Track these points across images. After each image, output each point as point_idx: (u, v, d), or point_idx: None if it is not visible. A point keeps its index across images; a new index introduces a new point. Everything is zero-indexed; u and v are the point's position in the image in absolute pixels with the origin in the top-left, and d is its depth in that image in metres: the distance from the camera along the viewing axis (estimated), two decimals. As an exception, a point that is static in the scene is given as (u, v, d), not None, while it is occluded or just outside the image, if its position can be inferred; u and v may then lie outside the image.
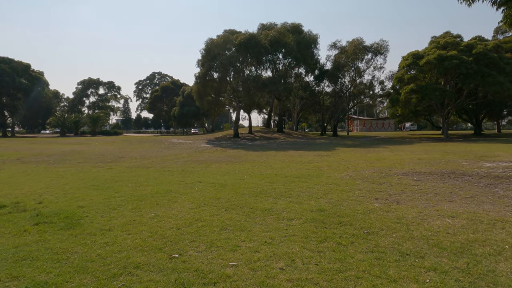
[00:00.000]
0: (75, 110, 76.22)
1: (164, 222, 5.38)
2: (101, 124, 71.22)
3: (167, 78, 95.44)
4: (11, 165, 14.14)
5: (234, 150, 21.72)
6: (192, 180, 9.59)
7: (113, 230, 5.00)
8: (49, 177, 10.49)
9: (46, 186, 8.79)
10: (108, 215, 5.85)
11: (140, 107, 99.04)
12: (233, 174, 10.69)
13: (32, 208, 6.38)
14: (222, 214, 5.80)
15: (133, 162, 14.77)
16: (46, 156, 18.27)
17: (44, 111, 64.36)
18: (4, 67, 57.16)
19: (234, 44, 35.82)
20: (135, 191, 7.99)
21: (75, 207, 6.42)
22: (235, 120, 43.47)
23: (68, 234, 4.83)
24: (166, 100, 77.89)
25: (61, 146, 26.62)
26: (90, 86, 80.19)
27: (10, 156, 18.16)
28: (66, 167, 13.41)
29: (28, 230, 5.00)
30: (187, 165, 13.37)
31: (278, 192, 7.61)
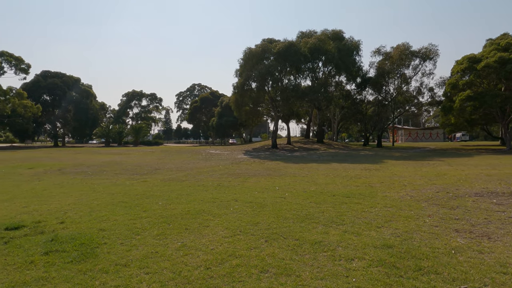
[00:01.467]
0: (119, 121, 79.48)
1: (191, 256, 4.40)
2: (143, 134, 73.51)
3: (206, 89, 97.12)
4: (51, 176, 14.12)
5: (273, 162, 20.65)
6: (228, 197, 8.62)
7: (130, 266, 4.09)
8: (81, 191, 10.05)
9: (74, 202, 8.25)
10: (129, 242, 4.99)
11: (180, 118, 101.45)
12: (273, 191, 9.59)
13: (51, 229, 5.72)
14: (262, 247, 4.72)
15: (168, 175, 14.19)
16: (86, 167, 18.35)
17: (91, 122, 67.65)
18: (57, 82, 61.02)
19: (273, 53, 35.08)
20: (164, 210, 7.15)
21: (96, 229, 5.66)
22: (273, 130, 42.49)
23: (76, 269, 3.99)
24: (205, 111, 78.96)
25: (102, 157, 27.12)
26: (133, 98, 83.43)
27: (53, 167, 18.45)
28: (101, 179, 13.08)
29: (34, 262, 4.24)
30: (223, 179, 12.49)
31: (327, 217, 6.39)
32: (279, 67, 34.87)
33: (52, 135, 69.07)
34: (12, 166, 18.88)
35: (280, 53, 33.99)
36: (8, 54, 48.64)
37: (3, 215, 6.85)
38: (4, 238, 5.22)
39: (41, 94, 60.69)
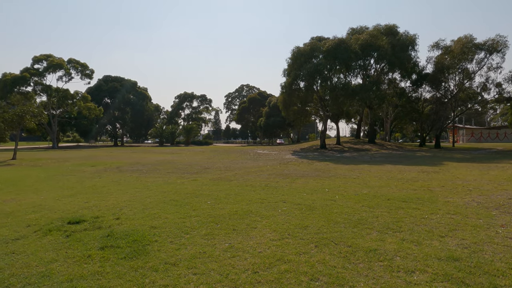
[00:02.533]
0: (172, 122, 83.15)
1: (239, 258, 4.31)
2: (194, 134, 76.20)
3: (255, 90, 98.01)
4: (109, 174, 15.05)
5: (322, 163, 20.12)
6: (276, 198, 8.47)
7: (178, 265, 4.11)
8: (136, 188, 10.53)
9: (129, 199, 8.65)
10: (179, 241, 5.05)
11: (229, 118, 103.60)
12: (322, 193, 9.26)
13: (108, 225, 6.00)
14: (312, 252, 4.49)
15: (217, 174, 14.41)
16: (141, 165, 19.33)
17: (146, 123, 71.65)
18: (116, 85, 65.46)
19: (322, 51, 34.33)
20: (213, 209, 7.19)
21: (148, 227, 5.83)
22: (322, 130, 41.59)
23: (129, 266, 4.09)
24: (253, 111, 79.72)
25: (156, 156, 28.46)
26: (185, 100, 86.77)
27: (112, 165, 19.69)
28: (155, 177, 13.65)
29: (92, 256, 4.44)
30: (271, 179, 12.37)
31: (382, 222, 5.97)
32: (328, 66, 34.02)
33: (112, 135, 74.28)
34: (77, 164, 20.49)
35: (329, 51, 33.15)
36: (75, 61, 53.15)
37: (67, 210, 7.37)
38: (66, 232, 5.57)
39: (103, 97, 65.56)
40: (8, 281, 3.71)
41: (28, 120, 25.62)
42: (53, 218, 6.57)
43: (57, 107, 53.14)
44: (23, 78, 47.77)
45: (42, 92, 50.70)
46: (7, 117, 25.48)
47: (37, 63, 50.21)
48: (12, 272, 3.93)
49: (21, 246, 4.91)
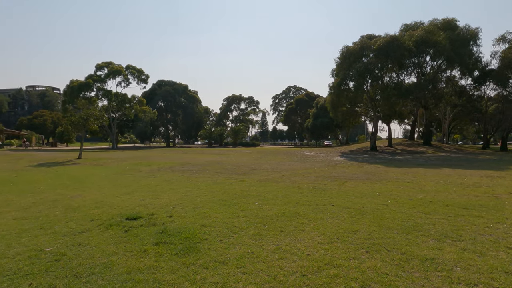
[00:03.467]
0: (220, 123, 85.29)
1: (287, 260, 4.30)
2: (241, 136, 77.50)
3: (302, 91, 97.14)
4: (163, 173, 15.84)
5: (372, 166, 19.36)
6: (324, 201, 8.32)
7: (228, 263, 4.21)
8: (187, 188, 10.97)
9: (181, 197, 9.03)
10: (227, 240, 5.17)
11: (276, 119, 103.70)
12: (373, 197, 8.91)
13: (162, 222, 6.32)
14: (362, 258, 4.35)
15: (264, 175, 14.51)
16: (191, 165, 20.09)
17: (196, 125, 74.29)
18: (169, 89, 68.74)
19: (372, 50, 33.08)
20: (260, 210, 7.26)
21: (198, 225, 6.04)
22: (372, 132, 40.02)
23: (181, 262, 4.27)
24: (300, 113, 79.07)
25: (206, 156, 29.38)
26: (233, 102, 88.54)
27: (165, 165, 20.70)
28: (204, 177, 14.10)
29: (147, 251, 4.70)
30: (319, 182, 12.17)
31: (440, 230, 5.60)
32: (380, 64, 32.68)
33: (165, 136, 78.08)
34: (133, 164, 21.85)
35: (380, 49, 31.84)
36: (132, 67, 56.77)
37: (125, 206, 7.89)
38: (125, 227, 5.96)
39: (157, 100, 69.17)
40: (76, 270, 4.06)
41: (91, 122, 27.88)
42: (113, 214, 7.08)
43: (116, 110, 57.12)
44: (87, 84, 52.08)
45: (104, 97, 54.84)
46: (74, 120, 27.96)
47: (100, 70, 54.46)
48: (79, 262, 4.31)
49: (86, 238, 5.35)
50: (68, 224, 6.25)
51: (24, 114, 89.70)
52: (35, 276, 3.88)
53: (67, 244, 5.04)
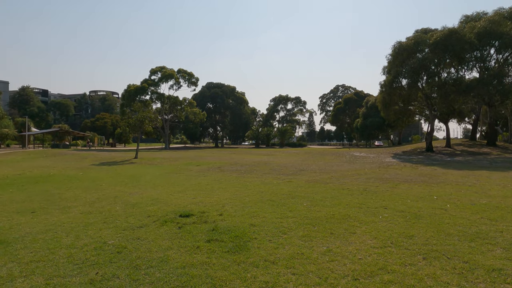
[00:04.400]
0: (267, 124, 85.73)
1: (338, 263, 4.22)
2: (288, 136, 77.19)
3: (350, 90, 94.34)
4: (212, 173, 16.32)
5: (428, 168, 18.23)
6: (375, 204, 8.01)
7: (277, 263, 4.23)
8: (235, 187, 11.19)
9: (230, 197, 9.24)
10: (277, 240, 5.19)
11: (324, 119, 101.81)
12: (430, 201, 8.39)
13: (212, 220, 6.52)
14: (419, 265, 4.12)
15: (312, 176, 14.33)
16: (239, 165, 20.45)
17: (244, 125, 75.48)
18: (218, 91, 70.63)
19: (428, 44, 31.13)
20: (309, 212, 7.19)
21: (248, 224, 6.14)
22: (428, 131, 37.69)
23: (232, 260, 4.38)
24: (348, 112, 76.86)
25: (253, 157, 29.72)
26: (280, 102, 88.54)
27: (214, 165, 21.29)
28: (252, 177, 14.28)
29: (200, 247, 4.88)
30: (370, 184, 11.74)
31: (508, 238, 5.12)
32: (436, 59, 30.66)
33: (213, 137, 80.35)
34: (185, 163, 22.77)
35: (437, 43, 29.85)
36: (183, 71, 59.21)
37: (178, 204, 8.26)
38: (178, 224, 6.25)
39: (206, 102, 71.43)
40: (135, 262, 4.34)
41: (147, 124, 29.57)
42: (168, 210, 7.44)
43: (169, 112, 59.95)
44: (142, 88, 55.34)
45: (157, 100, 57.85)
46: (131, 122, 29.87)
47: (153, 74, 57.56)
48: (138, 255, 4.60)
49: (144, 233, 5.69)
50: (127, 219, 6.69)
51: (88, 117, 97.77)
52: (101, 266, 4.21)
53: (127, 238, 5.40)
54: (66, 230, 5.96)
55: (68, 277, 3.90)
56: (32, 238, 5.47)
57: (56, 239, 5.40)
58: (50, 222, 6.60)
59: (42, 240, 5.33)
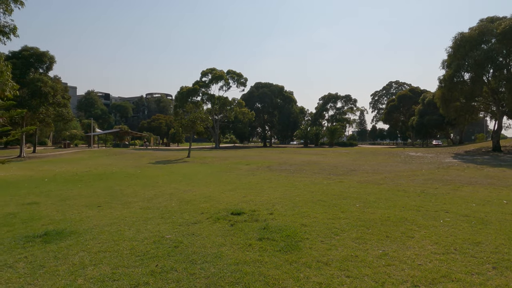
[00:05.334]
0: (316, 123, 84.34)
1: (395, 267, 4.03)
2: (338, 135, 75.23)
3: (405, 86, 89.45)
4: (261, 172, 16.46)
5: (496, 169, 16.68)
6: (435, 207, 7.52)
7: (330, 265, 4.15)
8: (285, 187, 11.17)
9: (280, 196, 9.25)
10: (329, 241, 5.09)
11: (376, 118, 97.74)
12: (499, 205, 7.67)
13: (263, 219, 6.58)
14: (489, 274, 3.79)
15: (364, 177, 13.84)
16: (288, 165, 20.38)
17: (292, 124, 75.01)
18: (266, 91, 71.03)
19: (495, 34, 28.48)
20: (362, 213, 6.95)
21: (299, 224, 6.10)
22: (494, 130, 34.44)
23: (284, 259, 4.38)
24: (403, 110, 72.91)
25: (302, 156, 29.44)
26: (329, 101, 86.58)
27: (263, 164, 21.45)
28: (302, 177, 14.16)
29: (252, 245, 4.96)
30: (428, 185, 11.04)
31: None
32: (505, 50, 27.93)
33: (262, 136, 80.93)
34: (234, 162, 23.24)
35: (506, 33, 27.18)
36: (232, 72, 60.48)
37: (229, 202, 8.45)
38: (230, 221, 6.40)
39: (254, 102, 72.16)
40: (191, 256, 4.53)
41: (198, 124, 30.69)
42: (220, 208, 7.65)
43: (219, 112, 61.58)
44: (194, 89, 57.50)
45: (208, 101, 59.73)
46: (184, 123, 31.18)
47: (204, 76, 59.52)
48: (193, 250, 4.79)
49: (198, 229, 5.91)
50: (182, 215, 7.00)
51: (144, 118, 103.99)
52: (159, 259, 4.45)
53: (183, 233, 5.65)
54: (128, 223, 6.40)
55: (131, 267, 4.18)
56: (99, 230, 5.95)
57: (119, 231, 5.82)
58: (114, 216, 7.12)
59: (107, 232, 5.77)
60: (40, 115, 34.05)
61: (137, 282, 3.75)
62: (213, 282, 3.73)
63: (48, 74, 35.91)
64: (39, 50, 34.63)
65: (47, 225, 6.35)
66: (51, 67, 35.75)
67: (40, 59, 34.45)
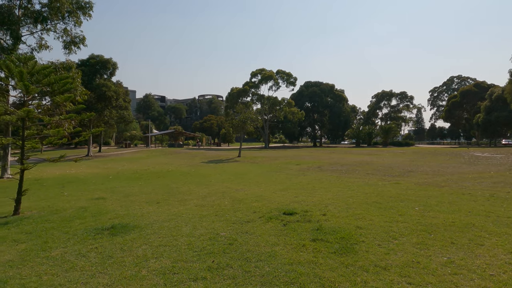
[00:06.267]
0: (369, 122, 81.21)
1: (463, 277, 3.73)
2: (392, 135, 71.69)
3: (469, 81, 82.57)
4: (312, 172, 16.23)
5: None
6: (507, 213, 6.83)
7: (390, 270, 3.96)
8: (337, 187, 10.90)
9: (332, 197, 9.04)
10: (387, 245, 4.87)
11: (435, 116, 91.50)
12: None
13: (316, 219, 6.48)
14: None
15: (423, 178, 13.02)
16: (340, 165, 19.86)
17: (343, 124, 72.94)
18: (316, 90, 69.95)
19: None
20: (422, 217, 6.54)
21: (353, 226, 5.92)
22: None
23: (339, 261, 4.28)
24: (466, 107, 67.33)
25: (354, 156, 28.50)
26: (383, 99, 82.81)
27: (313, 164, 21.15)
28: (354, 177, 13.72)
29: (306, 246, 4.91)
30: (498, 189, 10.07)
31: None
32: None
33: (312, 136, 79.83)
34: (285, 162, 23.20)
35: None
36: (281, 72, 60.45)
37: (281, 202, 8.45)
38: (283, 221, 6.40)
39: (304, 101, 71.42)
40: (246, 254, 4.61)
41: (248, 124, 31.17)
42: (271, 208, 7.69)
43: (268, 112, 61.93)
44: (244, 90, 58.48)
45: (257, 101, 60.37)
46: (235, 123, 31.84)
47: (254, 76, 60.23)
48: (247, 248, 4.87)
49: (251, 228, 6.00)
50: (235, 214, 7.15)
51: (197, 119, 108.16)
52: (215, 255, 4.59)
53: (237, 231, 5.77)
54: (184, 220, 6.69)
55: (189, 262, 4.37)
56: (159, 225, 6.29)
57: (177, 227, 6.11)
58: (172, 212, 7.49)
59: (166, 228, 6.08)
60: (105, 117, 36.98)
61: (195, 276, 3.91)
62: (268, 281, 3.76)
63: (111, 79, 38.89)
64: (103, 57, 37.63)
65: (113, 219, 6.87)
66: (114, 72, 38.67)
67: (105, 66, 37.41)
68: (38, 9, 17.15)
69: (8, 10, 16.22)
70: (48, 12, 17.06)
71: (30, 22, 17.10)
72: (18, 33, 16.49)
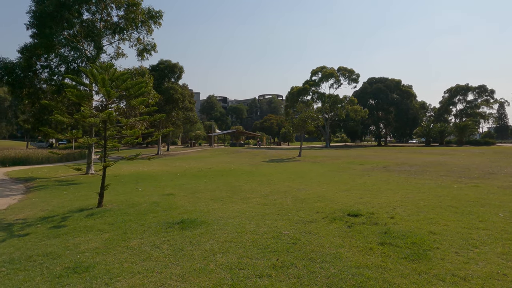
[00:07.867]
0: (440, 119, 74.90)
1: (562, 295, 3.27)
2: (469, 133, 65.19)
3: None
4: (377, 172, 15.48)
5: None
6: None
7: (470, 281, 3.63)
8: (406, 189, 10.26)
9: (401, 199, 8.54)
10: (466, 254, 4.46)
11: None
12: None
13: (383, 222, 6.18)
14: None
15: (508, 181, 11.64)
16: (408, 166, 18.65)
17: (411, 122, 68.33)
18: (380, 86, 66.57)
19: None
20: (508, 224, 5.86)
21: (426, 231, 5.52)
22: None
23: (411, 268, 4.03)
24: (562, 100, 58.59)
25: (424, 156, 26.54)
26: (457, 93, 75.69)
27: (379, 164, 20.15)
28: (425, 179, 12.78)
29: (373, 249, 4.72)
30: None
31: None
32: None
33: (376, 135, 76.11)
34: (347, 162, 22.47)
35: None
36: (343, 69, 58.63)
37: (345, 202, 8.21)
38: (347, 223, 6.21)
39: (367, 99, 68.37)
40: (310, 254, 4.57)
41: (309, 123, 30.74)
42: (335, 208, 7.51)
43: (329, 111, 60.50)
44: (304, 89, 57.89)
45: (318, 99, 59.32)
46: (295, 122, 31.68)
47: (314, 75, 59.30)
48: (311, 248, 4.82)
49: (314, 228, 5.93)
50: (298, 213, 7.13)
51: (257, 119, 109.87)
52: (279, 254, 4.63)
53: (300, 231, 5.74)
54: (248, 217, 6.85)
55: (254, 259, 4.47)
56: (224, 222, 6.53)
57: (241, 224, 6.28)
58: (235, 209, 7.72)
59: (231, 225, 6.29)
60: (172, 119, 39.41)
61: (260, 273, 3.99)
62: (334, 282, 3.69)
63: (178, 82, 41.31)
64: (171, 62, 40.12)
65: (182, 214, 7.29)
66: (180, 76, 40.99)
67: (172, 70, 39.85)
68: (116, 21, 18.89)
69: (92, 23, 18.12)
70: (124, 23, 18.69)
71: (109, 33, 18.90)
72: (100, 44, 18.34)
